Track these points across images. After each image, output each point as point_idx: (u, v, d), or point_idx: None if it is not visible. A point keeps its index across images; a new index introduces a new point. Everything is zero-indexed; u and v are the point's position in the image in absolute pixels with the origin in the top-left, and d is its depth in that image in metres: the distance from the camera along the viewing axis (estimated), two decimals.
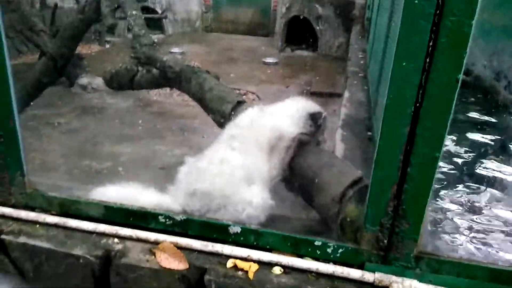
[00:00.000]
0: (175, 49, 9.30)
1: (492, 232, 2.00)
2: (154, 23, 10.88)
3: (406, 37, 1.16)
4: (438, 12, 1.12)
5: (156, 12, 10.95)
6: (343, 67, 6.73)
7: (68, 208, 1.71)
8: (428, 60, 1.16)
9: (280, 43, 10.03)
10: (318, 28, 9.48)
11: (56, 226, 1.68)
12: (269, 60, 8.90)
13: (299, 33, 9.76)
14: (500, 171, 2.58)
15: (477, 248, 1.89)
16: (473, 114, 3.42)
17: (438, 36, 1.13)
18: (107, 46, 10.06)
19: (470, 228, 2.01)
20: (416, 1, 1.12)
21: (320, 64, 8.88)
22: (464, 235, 1.97)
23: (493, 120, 3.33)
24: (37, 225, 1.69)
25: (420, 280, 1.36)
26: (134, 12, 3.23)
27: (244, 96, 6.73)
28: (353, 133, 2.85)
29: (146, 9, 10.63)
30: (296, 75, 7.99)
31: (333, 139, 2.87)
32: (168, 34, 11.34)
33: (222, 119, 2.25)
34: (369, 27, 6.01)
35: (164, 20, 11.18)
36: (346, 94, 3.87)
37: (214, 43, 10.67)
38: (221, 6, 12.37)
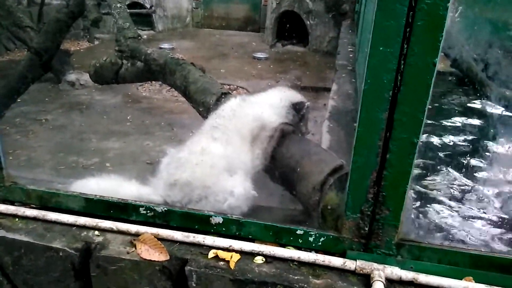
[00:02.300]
0: (165, 45, 9.24)
1: None
2: (144, 19, 10.81)
3: (382, 21, 1.15)
4: None
5: (145, 8, 10.86)
6: (334, 61, 6.72)
7: (47, 201, 1.69)
8: (405, 44, 1.15)
9: (270, 38, 10.01)
10: (308, 23, 9.46)
11: (35, 219, 1.65)
12: (260, 55, 8.88)
13: (290, 28, 9.74)
14: None
15: None
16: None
17: (414, 19, 1.12)
18: (96, 42, 9.97)
19: None
20: None
21: (311, 58, 8.88)
22: None
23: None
24: (16, 219, 1.67)
25: (402, 267, 1.36)
26: (118, 5, 3.19)
27: (234, 91, 6.72)
28: (340, 124, 2.85)
29: (135, 5, 10.55)
30: (287, 70, 7.98)
31: (320, 131, 2.86)
32: (158, 30, 11.26)
33: (206, 111, 2.22)
34: (358, 20, 6.01)
35: (153, 16, 11.10)
36: (334, 87, 3.87)
37: (205, 38, 10.62)
38: (212, 1, 12.32)
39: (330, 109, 3.24)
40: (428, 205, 2.13)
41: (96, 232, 1.58)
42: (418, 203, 2.13)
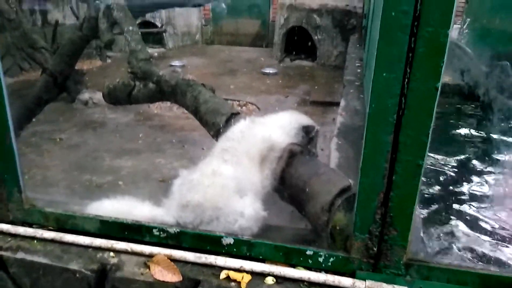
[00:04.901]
0: (176, 62, 9.38)
1: None
2: (155, 37, 11.01)
3: (385, 48, 1.19)
4: (415, 23, 1.15)
5: (156, 27, 11.08)
6: (342, 75, 6.76)
7: (64, 223, 1.74)
8: (408, 69, 1.19)
9: (279, 53, 10.10)
10: (316, 38, 9.55)
11: (53, 241, 1.70)
12: (269, 70, 8.96)
13: (298, 43, 9.84)
14: None
15: None
16: None
17: (416, 46, 1.16)
18: (108, 61, 10.17)
19: None
20: (393, 13, 1.15)
21: (319, 73, 8.92)
22: None
23: None
24: (35, 241, 1.72)
25: (411, 287, 1.38)
26: (130, 28, 3.30)
27: (243, 107, 6.78)
28: (348, 141, 2.88)
29: (146, 24, 10.76)
30: (295, 85, 8.03)
31: (329, 147, 2.89)
32: (169, 47, 11.45)
33: (216, 131, 2.28)
34: (365, 35, 6.06)
35: (164, 34, 11.30)
36: (342, 103, 3.90)
37: (214, 55, 10.76)
38: (221, 18, 12.52)
39: (339, 125, 3.27)
40: None
41: (111, 254, 1.63)
42: None
